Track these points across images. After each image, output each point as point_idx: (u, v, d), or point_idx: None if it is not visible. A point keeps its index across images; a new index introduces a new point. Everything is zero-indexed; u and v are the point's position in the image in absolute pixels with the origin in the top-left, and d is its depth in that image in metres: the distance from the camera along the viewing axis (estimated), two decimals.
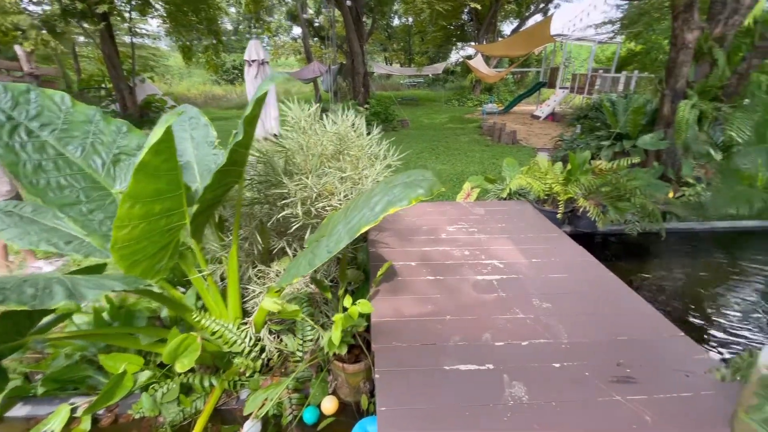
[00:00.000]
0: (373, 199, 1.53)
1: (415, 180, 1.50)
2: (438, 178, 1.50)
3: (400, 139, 12.02)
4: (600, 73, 14.36)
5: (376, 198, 1.52)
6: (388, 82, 29.52)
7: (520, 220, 3.46)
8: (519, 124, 15.08)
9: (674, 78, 6.50)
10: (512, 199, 3.98)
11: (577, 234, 3.66)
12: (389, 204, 1.44)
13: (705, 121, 6.40)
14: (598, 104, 9.42)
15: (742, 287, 3.12)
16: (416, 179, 1.50)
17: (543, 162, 3.97)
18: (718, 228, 3.84)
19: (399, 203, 1.41)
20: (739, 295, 3.01)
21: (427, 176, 1.53)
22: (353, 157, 2.39)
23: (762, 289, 3.09)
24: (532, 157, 9.93)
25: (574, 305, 2.23)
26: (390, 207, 1.42)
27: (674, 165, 6.73)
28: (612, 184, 3.63)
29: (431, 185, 1.45)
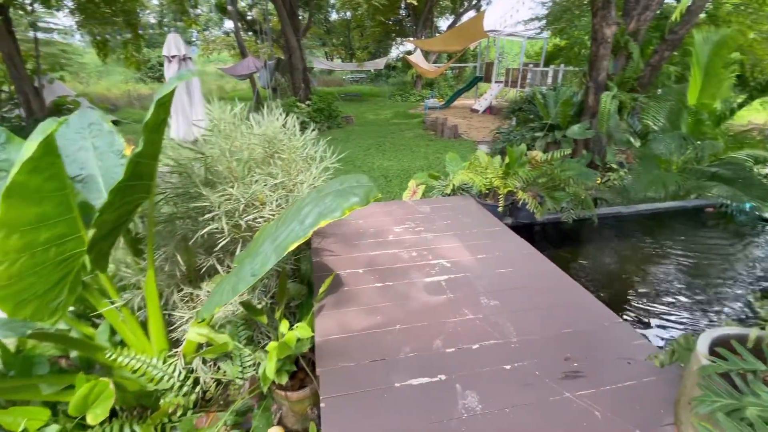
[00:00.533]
0: (304, 211, 1.36)
1: (348, 187, 1.35)
2: (374, 184, 1.37)
3: (346, 135, 11.80)
4: (530, 67, 15.12)
5: (307, 209, 1.36)
6: (330, 78, 28.99)
7: (464, 215, 3.45)
8: (460, 118, 15.48)
9: (596, 71, 6.94)
10: (456, 195, 3.99)
11: (518, 225, 3.74)
12: (320, 216, 1.28)
13: (624, 111, 6.92)
14: (531, 97, 9.87)
15: (665, 266, 3.37)
16: (350, 186, 1.35)
17: (483, 156, 4.01)
18: (642, 210, 4.13)
19: (331, 215, 1.25)
20: (663, 275, 3.24)
21: (363, 182, 1.39)
22: (286, 161, 2.18)
23: (682, 267, 3.35)
24: (473, 150, 10.20)
25: (520, 300, 2.23)
26: (321, 219, 1.26)
27: (600, 152, 7.21)
28: (547, 175, 3.75)
29: (367, 192, 1.31)
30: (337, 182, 1.44)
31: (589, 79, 7.08)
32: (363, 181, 1.39)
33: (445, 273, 2.50)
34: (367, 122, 14.45)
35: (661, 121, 5.12)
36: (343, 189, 1.35)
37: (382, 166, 8.49)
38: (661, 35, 7.77)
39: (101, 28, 14.61)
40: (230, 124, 2.38)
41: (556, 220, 3.91)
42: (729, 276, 3.19)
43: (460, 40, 12.13)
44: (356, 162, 8.81)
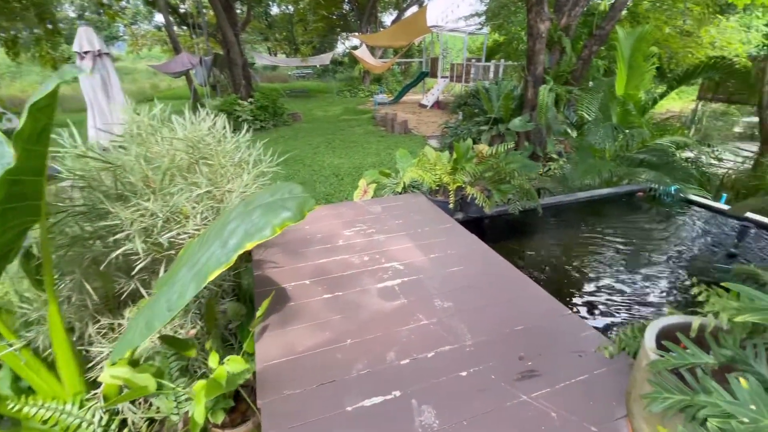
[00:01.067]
0: (228, 228, 1.17)
1: (279, 200, 1.18)
2: (309, 194, 1.21)
3: (294, 133, 11.38)
4: (473, 62, 15.51)
5: (232, 226, 1.17)
6: (275, 74, 27.95)
7: (416, 213, 3.37)
8: (409, 113, 15.55)
9: (533, 65, 7.19)
10: (407, 192, 3.91)
11: (468, 220, 3.74)
12: (246, 236, 1.10)
13: (561, 103, 7.25)
14: (475, 92, 10.08)
15: (605, 251, 3.52)
16: (281, 199, 1.18)
17: (431, 153, 3.96)
18: (581, 198, 4.31)
19: (259, 234, 1.08)
20: (604, 260, 3.38)
21: (295, 192, 1.22)
22: (213, 167, 1.95)
23: (621, 251, 3.52)
24: (424, 145, 10.27)
25: (473, 300, 2.18)
26: (247, 241, 1.08)
27: (541, 143, 7.51)
28: (494, 168, 3.77)
29: (300, 205, 1.15)
30: (267, 193, 1.27)
31: (528, 73, 7.33)
32: (296, 191, 1.22)
33: (398, 276, 2.40)
34: (315, 119, 14.06)
35: (593, 112, 5.40)
36: (273, 202, 1.18)
37: (333, 164, 8.27)
38: (590, 31, 8.23)
39: (8, 23, 12.90)
40: (148, 126, 2.10)
41: (504, 212, 3.96)
42: (664, 258, 3.40)
43: (404, 35, 12.12)
44: (305, 161, 8.50)
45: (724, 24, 9.63)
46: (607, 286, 2.97)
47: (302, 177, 7.33)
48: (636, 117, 4.76)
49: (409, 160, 4.50)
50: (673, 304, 2.70)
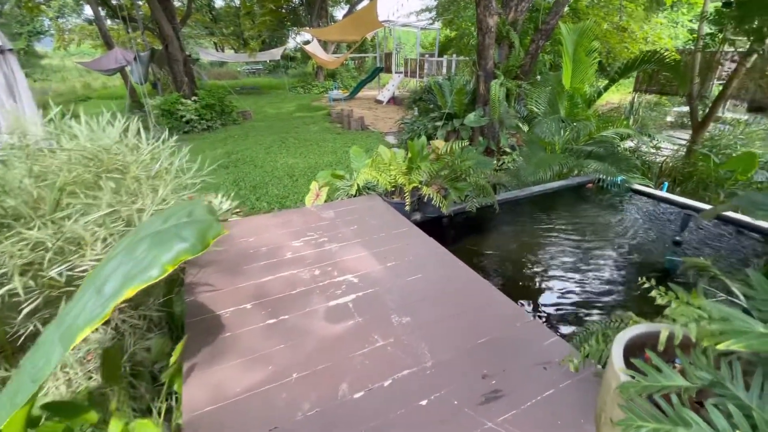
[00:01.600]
0: (107, 268, 0.90)
1: (173, 227, 0.93)
2: (215, 216, 0.96)
3: (244, 133, 10.77)
4: (426, 58, 15.53)
5: (112, 265, 0.90)
6: (223, 71, 26.59)
7: (371, 217, 3.18)
8: (365, 109, 15.31)
9: (484, 60, 7.21)
10: (362, 194, 3.70)
11: (426, 220, 3.61)
12: (126, 280, 0.84)
13: (511, 98, 7.34)
14: (429, 87, 10.03)
15: (562, 246, 3.52)
16: (175, 225, 0.93)
17: (385, 152, 3.78)
18: (535, 192, 4.32)
19: (142, 276, 0.83)
20: (561, 256, 3.37)
21: (197, 215, 0.97)
22: (125, 181, 1.63)
23: (577, 246, 3.54)
24: (381, 142, 10.09)
25: (432, 313, 2.02)
26: (127, 286, 0.83)
27: (494, 138, 7.58)
28: (449, 167, 3.66)
29: (202, 232, 0.90)
30: (160, 217, 1.00)
31: (479, 68, 7.34)
32: (198, 213, 0.97)
33: (352, 291, 2.19)
34: (267, 117, 13.45)
35: (542, 105, 5.46)
36: (165, 230, 0.92)
37: (287, 164, 7.87)
38: (536, 26, 8.39)
39: None
40: (42, 134, 1.73)
41: (462, 210, 3.87)
42: (616, 249, 3.45)
43: (355, 29, 11.82)
44: (256, 161, 8.03)
45: (655, 20, 10.23)
46: (564, 283, 2.94)
47: (253, 179, 6.89)
48: (582, 110, 4.85)
49: (363, 159, 4.29)
50: (628, 301, 2.70)
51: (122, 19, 16.30)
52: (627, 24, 10.52)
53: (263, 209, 5.59)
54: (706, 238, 3.43)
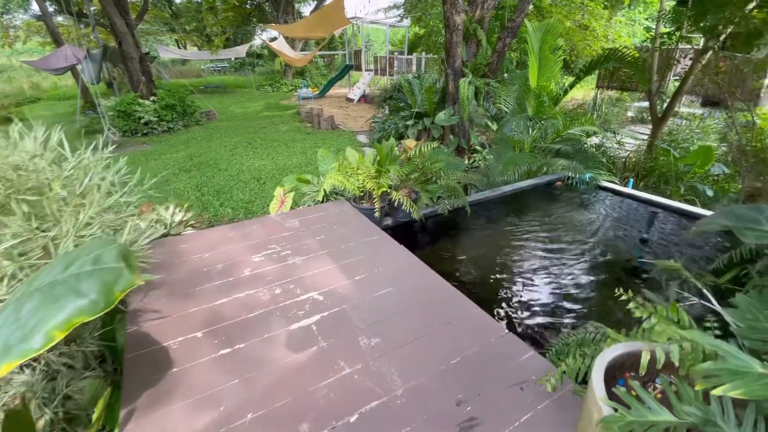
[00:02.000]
0: None
1: (72, 277, 0.74)
2: (125, 264, 0.77)
3: (208, 134, 10.28)
4: (396, 55, 15.40)
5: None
6: (186, 69, 25.51)
7: (339, 225, 3.01)
8: (336, 108, 15.03)
9: (452, 58, 7.14)
10: (330, 200, 3.52)
11: (398, 225, 3.48)
12: (3, 351, 0.65)
13: (480, 96, 7.33)
14: (399, 85, 9.91)
15: (532, 249, 3.48)
16: (75, 275, 0.74)
17: (352, 155, 3.61)
18: (506, 192, 4.28)
19: (18, 347, 0.66)
20: (531, 259, 3.32)
21: (106, 261, 0.79)
22: (35, 203, 1.39)
23: (547, 246, 3.51)
24: (353, 141, 9.90)
25: (403, 331, 1.89)
26: (3, 360, 0.64)
27: (465, 136, 7.55)
28: (419, 169, 3.54)
29: (108, 285, 0.73)
30: (62, 262, 0.81)
31: (447, 66, 7.27)
32: (107, 258, 0.78)
33: (317, 311, 2.02)
34: (233, 117, 12.93)
35: (510, 104, 5.44)
36: (61, 281, 0.73)
37: (254, 167, 7.54)
38: (502, 24, 8.42)
39: None
40: None
41: (434, 213, 3.77)
42: (587, 250, 3.44)
43: (322, 26, 11.52)
44: (221, 164, 7.65)
45: (615, 19, 10.53)
46: (537, 288, 2.88)
47: (217, 183, 6.54)
48: (549, 108, 4.86)
49: (332, 162, 4.10)
50: (602, 305, 2.67)
51: (72, 15, 15.26)
52: (588, 22, 10.77)
53: (227, 216, 5.29)
54: (671, 234, 3.48)
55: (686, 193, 5.47)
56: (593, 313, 2.58)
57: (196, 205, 5.63)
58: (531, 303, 2.72)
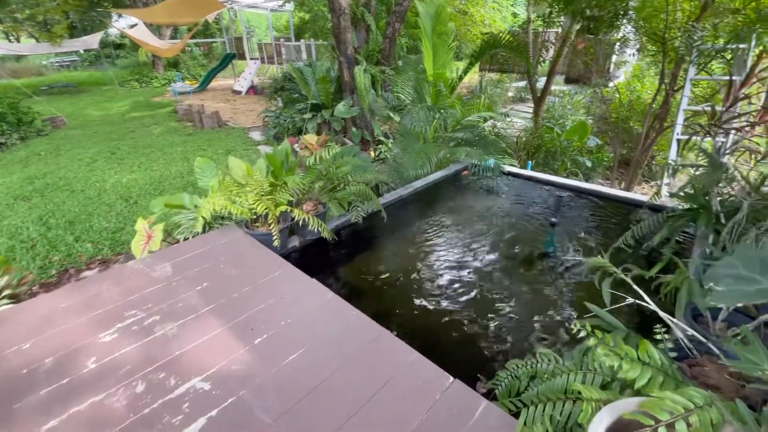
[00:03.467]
0: None
1: None
2: None
3: (56, 146, 8.13)
4: (282, 42, 14.23)
5: None
6: (22, 67, 20.39)
7: (229, 263, 2.35)
8: (221, 102, 13.40)
9: (343, 45, 6.62)
10: (214, 228, 2.80)
11: (307, 245, 2.94)
12: None
13: (378, 85, 6.99)
14: (290, 74, 9.06)
15: (454, 248, 3.26)
16: None
17: (238, 167, 2.90)
18: (419, 188, 4.01)
19: None
20: (457, 263, 3.09)
21: None
22: None
23: (469, 245, 3.32)
24: (245, 140, 8.79)
25: (325, 410, 1.41)
26: None
27: (368, 128, 7.17)
28: (323, 176, 3.01)
29: None
30: None
31: (339, 53, 6.73)
32: None
33: (201, 410, 1.42)
34: (90, 122, 10.57)
35: (409, 93, 5.18)
36: None
37: (120, 184, 6.10)
38: (388, 8, 8.11)
39: None
40: None
41: (348, 223, 3.30)
42: (506, 241, 3.33)
43: (190, 10, 9.90)
44: (74, 185, 6.05)
45: (490, 5, 11.06)
46: (466, 300, 2.64)
47: (69, 211, 5.09)
48: (447, 96, 4.71)
49: (214, 172, 3.31)
50: (525, 305, 2.51)
51: None
52: (467, 7, 11.14)
53: (86, 254, 4.10)
54: (579, 216, 3.57)
55: (571, 166, 5.92)
56: (519, 313, 2.42)
57: (40, 245, 4.26)
58: (462, 318, 2.46)
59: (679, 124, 4.49)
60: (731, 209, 2.13)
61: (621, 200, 3.67)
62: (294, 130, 7.91)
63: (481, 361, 2.17)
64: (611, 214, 3.62)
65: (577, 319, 1.75)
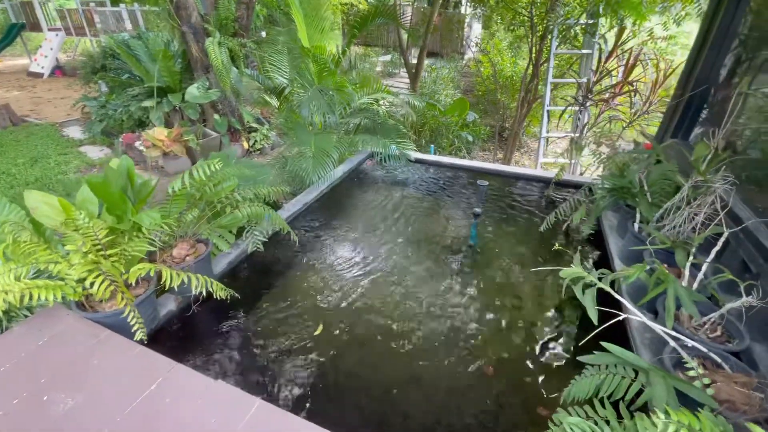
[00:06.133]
0: None
1: None
2: None
3: None
4: (94, 8, 10.84)
5: None
6: None
7: (58, 388, 1.34)
8: (14, 90, 9.72)
9: (184, 10, 5.12)
10: (16, 321, 1.63)
11: (190, 305, 2.01)
12: None
13: (240, 61, 5.70)
14: (113, 50, 6.83)
15: (381, 259, 2.71)
16: None
17: (45, 205, 1.72)
18: (324, 191, 3.30)
19: None
20: (385, 280, 2.56)
21: None
22: None
23: (399, 251, 2.81)
24: (58, 141, 6.39)
25: None
26: None
27: (234, 113, 5.89)
28: (200, 200, 2.06)
29: None
30: None
31: (180, 22, 5.21)
32: None
33: None
34: None
35: (285, 71, 4.25)
36: None
37: None
38: None
39: None
40: None
41: (244, 256, 2.44)
42: (430, 239, 2.94)
43: None
44: None
45: None
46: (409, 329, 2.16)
47: None
48: (333, 74, 3.97)
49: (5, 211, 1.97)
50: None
51: None
52: None
53: None
54: (498, 205, 3.36)
55: (456, 142, 5.94)
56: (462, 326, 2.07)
57: None
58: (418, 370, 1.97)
59: (547, 95, 4.74)
60: (659, 189, 2.11)
61: (526, 177, 3.66)
62: (131, 123, 6.05)
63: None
64: (520, 193, 3.57)
65: (579, 355, 1.45)
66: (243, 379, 1.75)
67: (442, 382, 1.83)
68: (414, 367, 1.89)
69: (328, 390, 1.74)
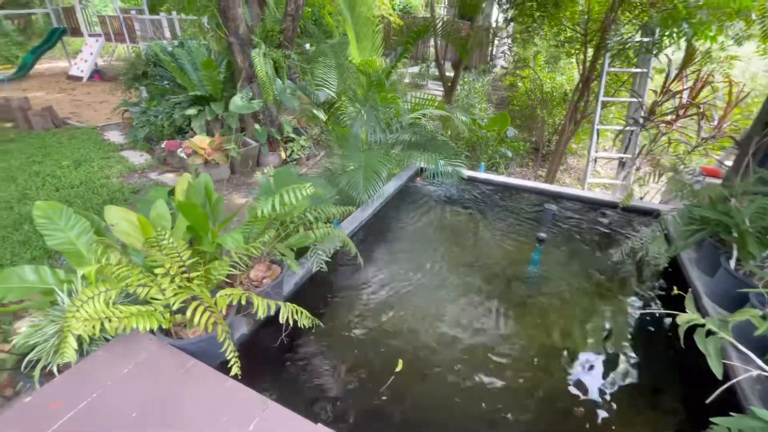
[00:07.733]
0: None
1: None
2: None
3: None
4: (134, 15, 11.15)
5: None
6: None
7: (148, 421, 1.25)
8: (55, 93, 10.00)
9: (232, 21, 5.17)
10: (97, 345, 1.57)
11: (259, 329, 1.92)
12: None
13: (283, 72, 5.72)
14: (154, 57, 6.95)
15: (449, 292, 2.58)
16: None
17: (124, 221, 1.67)
18: (377, 208, 3.20)
19: None
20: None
21: None
22: None
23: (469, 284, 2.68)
24: (99, 144, 6.51)
25: None
26: None
27: (274, 124, 5.91)
28: (274, 221, 1.99)
29: None
30: None
31: (228, 32, 5.26)
32: None
33: None
34: None
35: (332, 84, 4.20)
36: None
37: None
38: None
39: None
40: None
41: (309, 276, 2.36)
42: (489, 265, 2.80)
43: None
44: None
45: None
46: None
47: None
48: (384, 89, 3.91)
49: (75, 224, 1.92)
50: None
51: None
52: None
53: None
54: (565, 230, 3.19)
55: (496, 158, 5.80)
56: None
57: None
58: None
59: (597, 114, 4.58)
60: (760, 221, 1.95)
61: (584, 201, 3.49)
62: (172, 130, 6.11)
63: None
64: (580, 217, 3.40)
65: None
66: (333, 420, 1.63)
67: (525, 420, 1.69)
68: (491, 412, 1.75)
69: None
